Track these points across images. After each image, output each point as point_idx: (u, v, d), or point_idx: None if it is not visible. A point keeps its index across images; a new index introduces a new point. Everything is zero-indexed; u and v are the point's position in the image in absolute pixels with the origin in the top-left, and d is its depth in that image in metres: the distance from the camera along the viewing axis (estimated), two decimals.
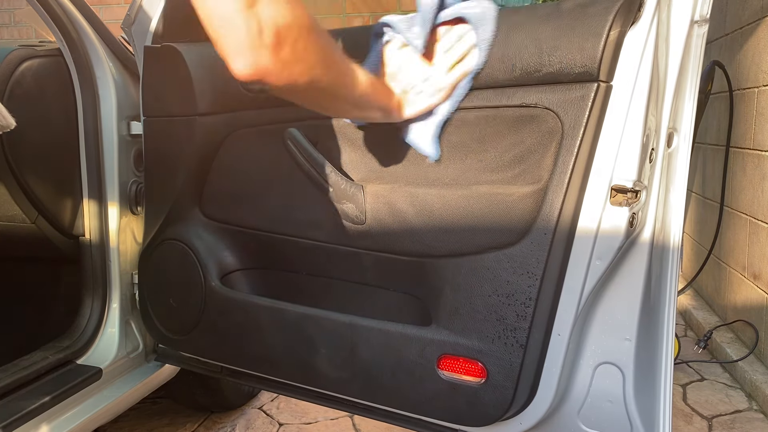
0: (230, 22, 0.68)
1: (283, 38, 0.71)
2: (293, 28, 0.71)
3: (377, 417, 1.17)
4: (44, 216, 1.44)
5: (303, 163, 1.14)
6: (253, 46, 0.69)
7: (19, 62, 1.37)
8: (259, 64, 0.71)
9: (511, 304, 0.95)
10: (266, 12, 0.68)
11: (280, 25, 0.70)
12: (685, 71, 0.92)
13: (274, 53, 0.71)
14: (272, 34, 0.69)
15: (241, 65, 0.71)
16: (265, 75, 0.72)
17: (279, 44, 0.70)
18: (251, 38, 0.68)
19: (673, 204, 0.95)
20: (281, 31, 0.70)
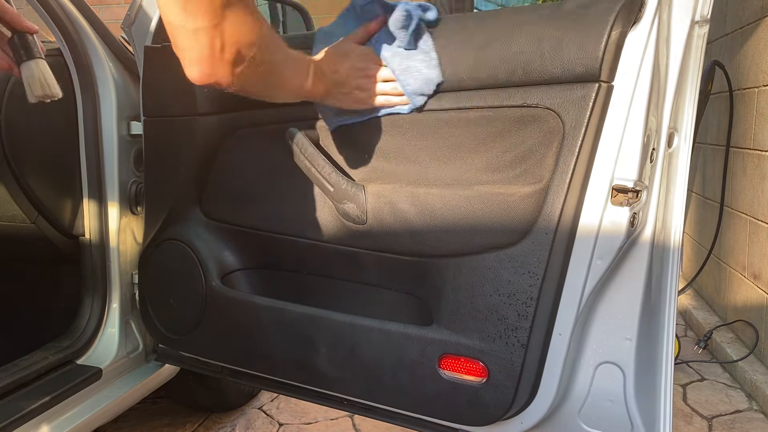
0: (194, 37, 0.71)
1: (242, 56, 0.75)
2: (253, 46, 0.75)
3: (378, 417, 1.17)
4: (44, 216, 1.44)
5: (304, 163, 1.14)
6: (212, 60, 0.73)
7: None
8: (215, 75, 0.75)
9: (513, 303, 0.95)
10: (230, 31, 0.71)
11: (242, 44, 0.74)
12: (686, 71, 0.93)
13: (232, 68, 0.75)
14: (233, 51, 0.73)
15: (197, 74, 0.75)
16: (219, 83, 0.76)
17: (237, 61, 0.74)
18: (212, 54, 0.72)
19: (674, 204, 0.96)
20: (242, 50, 0.74)
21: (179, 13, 0.69)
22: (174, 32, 0.72)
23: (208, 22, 0.69)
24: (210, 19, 0.70)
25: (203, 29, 0.70)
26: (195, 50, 0.72)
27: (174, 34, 0.72)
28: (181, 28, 0.70)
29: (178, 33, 0.71)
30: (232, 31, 0.72)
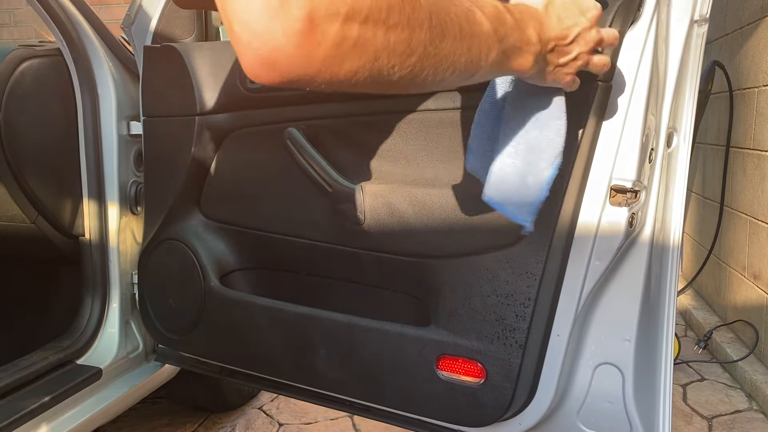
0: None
1: (319, 21, 0.43)
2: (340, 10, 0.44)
3: (376, 417, 1.17)
4: (44, 216, 1.44)
5: (302, 163, 1.14)
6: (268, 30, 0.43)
7: (19, 62, 1.37)
8: (281, 62, 0.44)
9: (510, 304, 0.95)
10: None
11: (318, 4, 0.43)
12: (685, 71, 0.92)
13: (304, 46, 0.44)
14: (304, 15, 0.43)
15: (251, 62, 0.45)
16: (292, 75, 0.46)
17: (312, 30, 0.43)
18: (268, 18, 0.42)
19: (673, 204, 0.95)
20: (317, 10, 0.43)
21: None
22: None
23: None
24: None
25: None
26: (237, 16, 0.43)
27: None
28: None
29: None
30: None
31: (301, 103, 1.17)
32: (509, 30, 0.60)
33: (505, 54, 0.61)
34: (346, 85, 0.48)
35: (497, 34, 0.58)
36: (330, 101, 1.14)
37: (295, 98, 1.17)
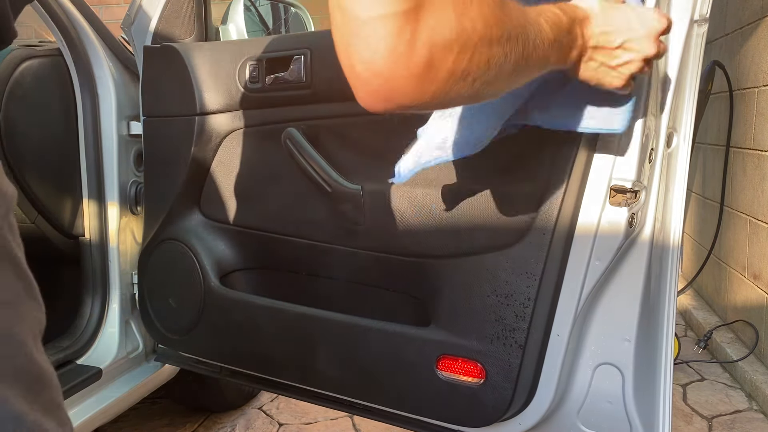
0: (367, 32, 0.46)
1: (436, 65, 0.48)
2: (453, 50, 0.48)
3: (376, 417, 1.17)
4: (44, 216, 1.44)
5: (302, 164, 1.14)
6: (392, 74, 0.47)
7: (19, 62, 1.37)
8: (395, 98, 0.49)
9: (510, 304, 0.95)
10: (424, 27, 0.46)
11: (437, 47, 0.47)
12: (685, 71, 0.92)
13: (420, 85, 0.48)
14: (423, 61, 0.47)
15: (366, 96, 0.50)
16: (401, 107, 0.50)
17: (428, 73, 0.48)
18: (392, 63, 0.46)
19: (673, 204, 0.95)
20: (435, 56, 0.47)
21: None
22: (340, 25, 0.47)
23: (393, 6, 0.44)
24: (396, 2, 0.44)
25: (381, 19, 0.44)
26: (361, 55, 0.46)
27: (339, 28, 0.48)
28: (350, 17, 0.46)
29: (344, 26, 0.47)
30: (427, 27, 0.46)
31: (301, 103, 1.17)
32: (564, 34, 0.66)
33: (559, 51, 0.66)
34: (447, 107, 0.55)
35: (557, 40, 0.63)
36: (330, 101, 1.14)
37: (295, 98, 1.17)
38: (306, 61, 1.14)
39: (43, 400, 0.48)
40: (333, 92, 1.13)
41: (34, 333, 0.49)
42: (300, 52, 1.15)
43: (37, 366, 0.48)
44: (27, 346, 0.48)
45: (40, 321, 0.51)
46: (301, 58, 1.14)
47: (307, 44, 1.15)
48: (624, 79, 0.75)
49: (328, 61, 1.12)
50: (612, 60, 0.73)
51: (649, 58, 0.75)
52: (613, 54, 0.73)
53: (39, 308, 0.52)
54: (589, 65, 0.73)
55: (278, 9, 2.49)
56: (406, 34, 0.45)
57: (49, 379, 0.50)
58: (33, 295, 0.51)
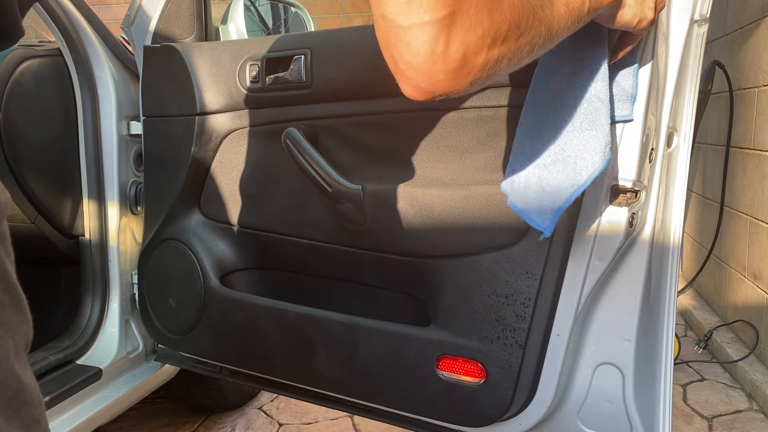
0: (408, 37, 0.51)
1: (470, 60, 0.53)
2: (486, 42, 0.53)
3: (376, 417, 1.17)
4: (44, 216, 1.44)
5: (302, 163, 1.14)
6: (431, 73, 0.53)
7: (19, 62, 1.37)
8: (437, 92, 0.55)
9: (510, 304, 0.95)
10: (458, 30, 0.51)
11: (471, 46, 0.52)
12: (685, 71, 0.92)
13: (457, 78, 0.54)
14: (459, 58, 0.52)
15: (411, 91, 0.55)
16: (441, 95, 0.56)
17: (463, 68, 0.53)
18: (432, 64, 0.52)
19: (673, 204, 0.95)
20: (470, 52, 0.53)
21: (392, 2, 0.51)
22: (383, 31, 0.53)
23: (429, 15, 0.50)
24: (432, 11, 0.50)
25: (420, 26, 0.50)
26: (405, 58, 0.52)
27: (383, 34, 0.53)
28: (392, 24, 0.51)
29: (388, 32, 0.52)
30: (459, 28, 0.51)
31: (301, 103, 1.17)
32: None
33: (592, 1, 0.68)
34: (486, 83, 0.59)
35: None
36: (330, 101, 1.14)
37: (295, 98, 1.17)
38: (306, 61, 1.14)
39: (21, 417, 0.47)
40: (333, 92, 1.13)
41: (17, 347, 0.48)
42: (300, 52, 1.15)
43: (17, 381, 0.47)
44: (8, 361, 0.47)
45: (26, 334, 0.50)
46: (301, 58, 1.14)
47: (307, 44, 1.15)
48: (653, 8, 0.76)
49: (328, 61, 1.12)
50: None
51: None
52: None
53: (26, 321, 0.51)
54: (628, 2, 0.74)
55: (278, 9, 2.49)
56: (442, 38, 0.51)
57: (29, 395, 0.49)
58: (20, 307, 0.50)
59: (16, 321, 0.49)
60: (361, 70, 1.09)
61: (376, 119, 1.11)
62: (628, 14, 0.74)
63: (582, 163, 0.79)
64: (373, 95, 1.08)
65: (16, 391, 0.47)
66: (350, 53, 1.11)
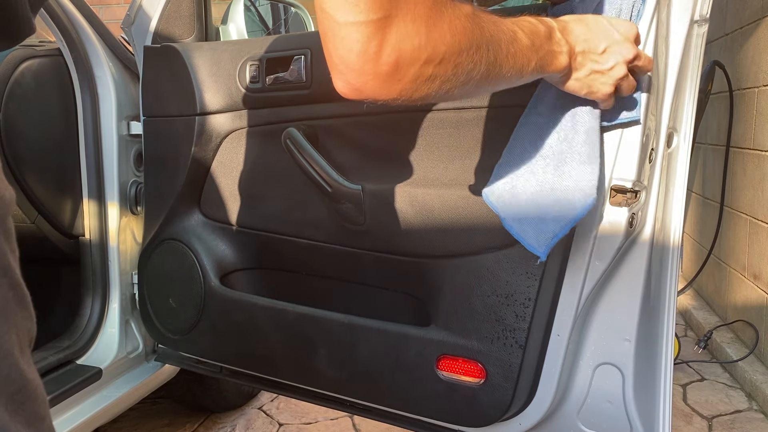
0: (343, 34, 0.53)
1: (402, 69, 0.54)
2: (420, 58, 0.55)
3: (376, 417, 1.17)
4: (44, 216, 1.44)
5: (302, 163, 1.14)
6: (362, 71, 0.54)
7: (19, 62, 1.37)
8: (365, 91, 0.56)
9: (510, 304, 0.95)
10: (392, 34, 0.53)
11: (404, 54, 0.54)
12: (685, 71, 0.92)
13: (387, 84, 0.55)
14: (391, 63, 0.54)
15: (342, 85, 0.57)
16: (371, 98, 0.58)
17: (396, 74, 0.55)
18: (362, 63, 0.54)
19: (673, 204, 0.95)
20: (402, 61, 0.54)
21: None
22: (322, 24, 0.54)
23: (364, 15, 0.51)
24: (368, 12, 0.51)
25: (354, 25, 0.52)
26: (339, 52, 0.54)
27: (321, 25, 0.55)
28: (330, 19, 0.53)
29: (326, 26, 0.54)
30: (394, 34, 0.52)
31: (301, 103, 1.17)
32: (543, 40, 0.70)
33: (543, 60, 0.70)
34: (418, 102, 0.60)
35: (534, 46, 0.68)
36: (330, 101, 1.14)
37: (295, 98, 1.17)
38: (306, 61, 1.14)
39: (26, 412, 0.47)
40: (333, 92, 1.11)
41: (21, 343, 0.49)
42: (300, 52, 1.15)
43: (21, 376, 0.48)
44: (12, 356, 0.47)
45: (30, 331, 0.51)
46: (301, 58, 1.14)
47: (307, 44, 1.15)
48: (612, 84, 0.78)
49: None
50: (600, 65, 0.77)
51: (629, 61, 0.78)
52: (600, 59, 0.76)
53: (30, 318, 0.51)
54: (580, 73, 0.77)
55: (278, 9, 2.50)
56: (375, 39, 0.53)
57: (33, 391, 0.49)
58: (24, 304, 0.50)
59: (20, 317, 0.49)
60: None
61: (376, 119, 1.11)
62: (574, 86, 0.78)
63: (579, 195, 0.82)
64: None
65: (20, 386, 0.47)
66: None
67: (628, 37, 0.78)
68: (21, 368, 0.48)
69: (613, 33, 0.77)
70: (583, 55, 0.76)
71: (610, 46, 0.76)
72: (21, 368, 0.48)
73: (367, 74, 0.54)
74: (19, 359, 0.48)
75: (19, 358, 0.48)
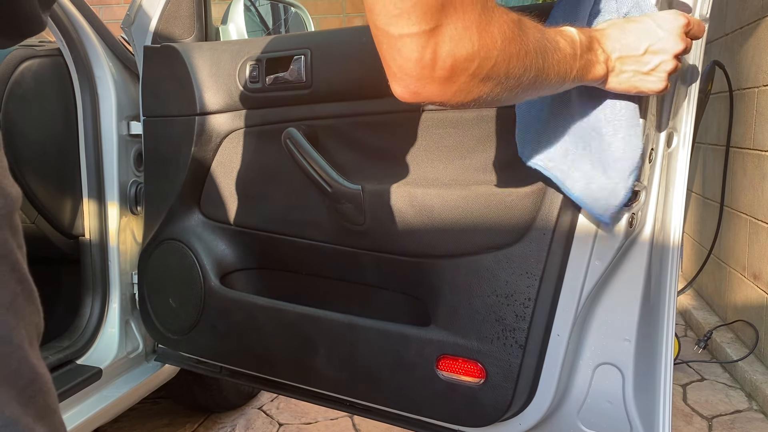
0: (399, 45, 0.57)
1: (458, 72, 0.58)
2: (474, 61, 0.58)
3: (376, 417, 1.17)
4: (44, 216, 1.44)
5: (302, 164, 1.14)
6: (420, 77, 0.58)
7: (19, 62, 1.37)
8: (423, 94, 0.60)
9: (510, 304, 0.95)
10: (446, 42, 0.56)
11: (459, 59, 0.57)
12: (685, 71, 0.92)
13: (444, 86, 0.59)
14: (447, 67, 0.57)
15: (401, 90, 0.60)
16: (428, 101, 0.62)
17: (452, 78, 0.58)
18: (420, 69, 0.57)
19: (673, 204, 0.95)
20: (458, 65, 0.58)
21: (382, 13, 0.56)
22: (377, 37, 0.58)
23: (417, 27, 0.55)
24: (419, 23, 0.55)
25: (409, 36, 0.55)
26: (397, 62, 0.58)
27: (377, 40, 0.59)
28: (384, 33, 0.57)
29: (381, 39, 0.58)
30: (449, 45, 0.56)
31: (301, 103, 1.17)
32: (583, 49, 0.73)
33: (582, 69, 0.73)
34: (470, 106, 0.64)
35: (575, 54, 0.71)
36: (330, 101, 1.14)
37: (295, 98, 1.17)
38: (306, 61, 1.14)
39: (36, 405, 0.48)
40: (333, 92, 1.13)
41: (30, 337, 0.49)
42: (300, 52, 1.15)
43: (32, 370, 0.48)
44: (22, 350, 0.47)
45: (38, 326, 0.51)
46: (301, 58, 1.14)
47: (307, 44, 1.15)
48: (664, 81, 0.79)
49: (328, 61, 1.12)
50: (644, 66, 0.78)
51: (678, 54, 0.78)
52: (642, 60, 0.77)
53: (37, 313, 0.51)
54: (621, 78, 0.78)
55: (278, 9, 2.50)
56: (429, 47, 0.56)
57: (44, 384, 0.49)
58: (32, 299, 0.51)
59: (29, 311, 0.50)
60: (361, 70, 1.09)
61: (376, 119, 1.11)
62: (619, 89, 0.80)
63: (626, 164, 0.83)
64: (373, 95, 1.08)
65: (30, 379, 0.48)
66: (350, 53, 1.11)
67: (672, 30, 0.77)
68: (31, 362, 0.48)
69: (657, 31, 0.77)
70: (621, 61, 0.77)
71: (653, 44, 0.77)
72: (31, 362, 0.48)
73: (425, 79, 0.58)
74: (29, 353, 0.48)
75: (29, 351, 0.48)
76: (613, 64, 0.77)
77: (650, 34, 0.77)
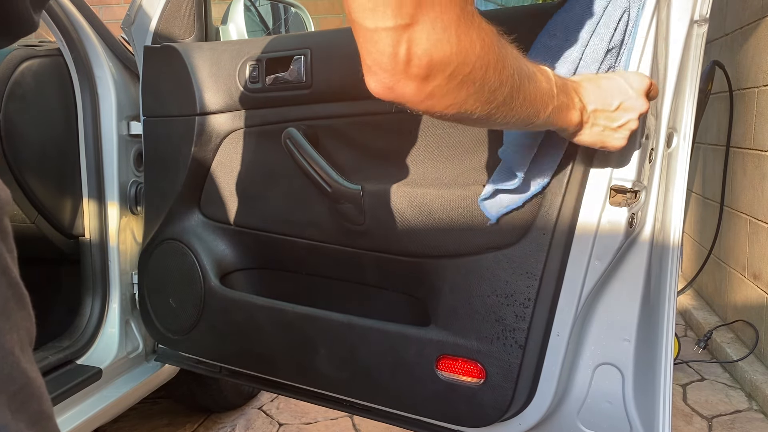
0: (375, 38, 0.57)
1: (434, 72, 0.58)
2: (451, 63, 0.58)
3: (376, 417, 1.17)
4: (44, 216, 1.44)
5: (302, 164, 1.14)
6: (395, 71, 0.58)
7: (19, 62, 1.37)
8: (397, 90, 0.59)
9: (510, 304, 0.95)
10: (422, 39, 0.56)
11: (435, 58, 0.57)
12: (685, 71, 0.92)
13: (418, 85, 0.59)
14: (423, 65, 0.57)
15: (374, 84, 0.60)
16: (401, 101, 0.61)
17: (428, 77, 0.58)
18: (395, 64, 0.57)
19: (673, 204, 0.95)
20: (434, 65, 0.57)
21: (358, 6, 0.56)
22: (354, 30, 0.59)
23: (392, 21, 0.55)
24: (394, 18, 0.55)
25: (386, 30, 0.56)
26: (372, 55, 0.58)
27: (355, 33, 0.59)
28: (360, 26, 0.57)
29: (357, 32, 0.58)
30: (425, 41, 0.56)
31: (301, 103, 1.17)
32: (559, 91, 0.73)
33: (557, 109, 0.73)
34: (438, 116, 0.64)
35: (551, 91, 0.72)
36: (330, 101, 1.14)
37: (295, 98, 1.17)
38: (306, 61, 1.14)
39: (29, 411, 0.47)
40: (333, 92, 1.13)
41: (22, 342, 0.48)
42: (300, 52, 1.15)
43: (23, 375, 0.48)
44: (13, 355, 0.47)
45: (30, 331, 0.51)
46: (301, 58, 1.14)
47: (307, 44, 1.15)
48: (626, 138, 0.82)
49: (328, 61, 1.12)
50: (613, 122, 0.80)
51: (642, 114, 0.81)
52: (613, 116, 0.80)
53: (29, 318, 0.51)
54: (593, 131, 0.80)
55: (278, 9, 2.50)
56: (403, 43, 0.56)
57: (36, 389, 0.49)
58: (23, 304, 0.50)
59: (20, 317, 0.49)
60: (360, 71, 1.08)
61: (376, 119, 1.11)
62: (586, 141, 0.82)
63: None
64: (372, 95, 1.08)
65: (21, 385, 0.47)
66: (350, 53, 1.10)
67: (640, 91, 0.80)
68: (22, 367, 0.48)
69: (628, 90, 0.80)
70: (596, 114, 0.79)
71: (624, 101, 0.79)
72: (22, 367, 0.48)
73: (399, 74, 0.58)
74: (21, 358, 0.48)
75: (20, 356, 0.48)
76: (588, 115, 0.79)
77: (622, 92, 0.79)
